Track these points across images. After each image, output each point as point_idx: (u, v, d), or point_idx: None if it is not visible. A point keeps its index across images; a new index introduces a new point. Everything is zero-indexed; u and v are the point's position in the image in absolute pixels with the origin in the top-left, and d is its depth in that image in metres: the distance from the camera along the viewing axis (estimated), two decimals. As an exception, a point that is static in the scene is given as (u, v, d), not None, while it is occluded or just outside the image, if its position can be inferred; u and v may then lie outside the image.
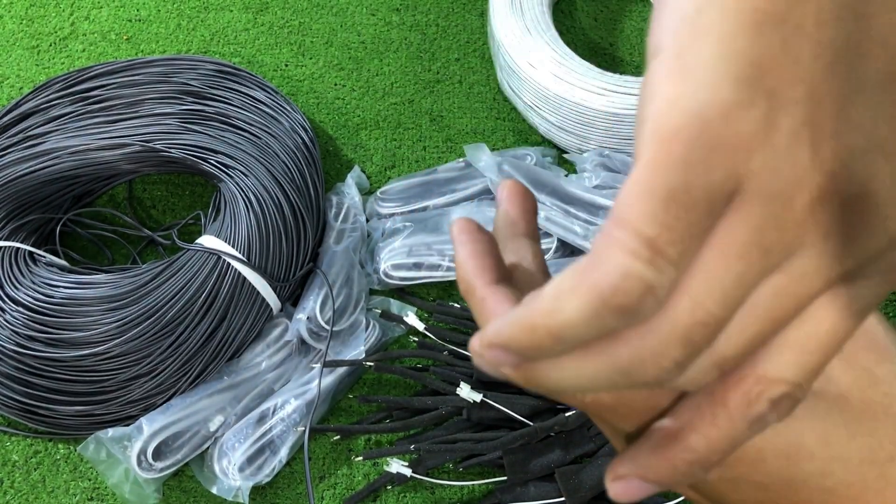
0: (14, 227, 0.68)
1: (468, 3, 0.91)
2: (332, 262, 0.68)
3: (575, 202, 0.69)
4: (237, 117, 0.70)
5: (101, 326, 0.61)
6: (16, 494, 0.63)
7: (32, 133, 0.70)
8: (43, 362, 0.61)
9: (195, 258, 0.63)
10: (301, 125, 0.73)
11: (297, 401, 0.63)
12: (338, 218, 0.72)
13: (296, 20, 0.89)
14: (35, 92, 0.73)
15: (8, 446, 0.65)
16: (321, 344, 0.65)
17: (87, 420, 0.63)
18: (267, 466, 0.62)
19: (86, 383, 0.62)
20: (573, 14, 0.91)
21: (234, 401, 0.63)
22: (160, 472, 0.60)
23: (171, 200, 0.77)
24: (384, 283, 0.70)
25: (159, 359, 0.62)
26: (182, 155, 0.67)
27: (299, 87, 0.84)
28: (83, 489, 0.63)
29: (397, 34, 0.88)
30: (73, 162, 0.68)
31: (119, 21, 0.89)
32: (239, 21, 0.89)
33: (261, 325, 0.66)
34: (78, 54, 0.86)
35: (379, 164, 0.79)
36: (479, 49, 0.87)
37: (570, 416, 0.59)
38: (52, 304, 0.62)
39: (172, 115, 0.70)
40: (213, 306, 0.62)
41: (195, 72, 0.73)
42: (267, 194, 0.66)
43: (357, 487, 0.63)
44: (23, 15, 0.89)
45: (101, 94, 0.71)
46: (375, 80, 0.85)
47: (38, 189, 0.69)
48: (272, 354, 0.65)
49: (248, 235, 0.64)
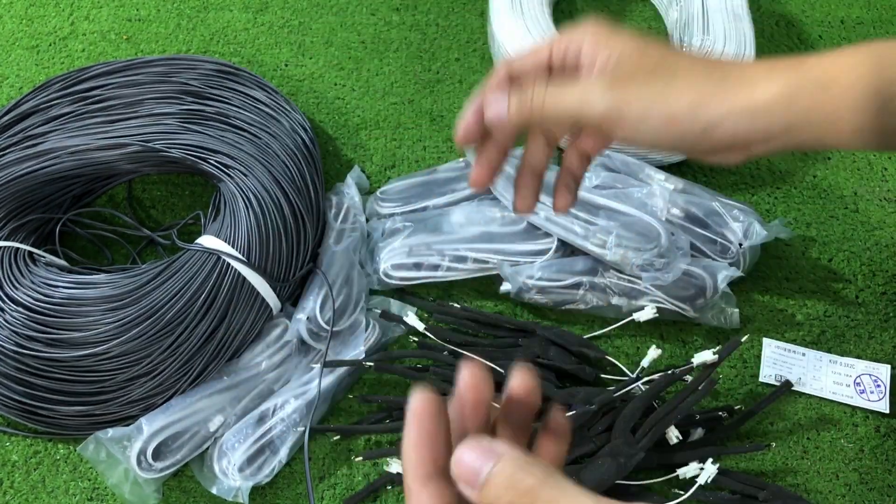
0: (14, 227, 0.68)
1: (468, 3, 0.91)
2: (332, 262, 0.68)
3: (575, 202, 0.69)
4: (237, 117, 0.70)
5: (101, 326, 0.61)
6: (16, 494, 0.63)
7: (32, 133, 0.70)
8: (43, 362, 0.61)
9: (195, 258, 0.63)
10: (301, 125, 0.73)
11: (297, 401, 0.63)
12: (338, 218, 0.72)
13: (296, 20, 0.89)
14: (35, 92, 0.72)
15: (8, 446, 0.65)
16: (321, 344, 0.65)
17: (87, 420, 0.63)
18: (267, 466, 0.62)
19: (86, 383, 0.62)
20: (573, 14, 0.91)
21: (234, 401, 0.63)
22: (160, 472, 0.60)
23: (170, 200, 0.77)
24: (384, 283, 0.70)
25: (159, 359, 0.62)
26: (182, 155, 0.67)
27: (299, 87, 0.84)
28: (83, 489, 0.63)
29: (397, 34, 0.88)
30: (72, 162, 0.68)
31: (119, 21, 0.89)
32: (239, 21, 0.89)
33: (261, 325, 0.66)
34: (78, 54, 0.86)
35: (379, 164, 0.79)
36: (479, 49, 0.87)
37: (570, 416, 0.59)
38: (52, 304, 0.62)
39: (172, 115, 0.70)
40: (212, 306, 0.62)
41: (195, 72, 0.73)
42: (267, 194, 0.66)
43: (357, 487, 0.63)
44: (22, 15, 0.89)
45: (100, 94, 0.71)
46: (375, 80, 0.85)
47: (38, 189, 0.69)
48: (272, 354, 0.65)
49: (248, 235, 0.64)
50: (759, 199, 0.78)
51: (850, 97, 0.38)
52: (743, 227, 0.70)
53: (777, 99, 0.39)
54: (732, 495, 0.61)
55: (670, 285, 0.66)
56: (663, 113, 0.39)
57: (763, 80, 0.39)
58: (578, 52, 0.42)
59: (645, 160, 0.75)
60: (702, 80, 0.39)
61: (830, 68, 0.39)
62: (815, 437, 0.65)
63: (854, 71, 0.39)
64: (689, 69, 0.40)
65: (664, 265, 0.66)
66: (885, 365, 0.67)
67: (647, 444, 0.59)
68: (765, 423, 0.66)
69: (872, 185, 0.79)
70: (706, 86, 0.39)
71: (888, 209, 0.77)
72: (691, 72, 0.40)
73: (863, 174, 0.80)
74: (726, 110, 0.39)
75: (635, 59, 0.40)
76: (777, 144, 0.40)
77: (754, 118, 0.39)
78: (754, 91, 0.39)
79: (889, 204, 0.77)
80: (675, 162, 0.77)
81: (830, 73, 0.39)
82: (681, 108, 0.39)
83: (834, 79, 0.39)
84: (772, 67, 0.40)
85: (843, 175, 0.79)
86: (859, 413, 0.66)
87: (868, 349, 0.69)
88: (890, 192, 0.78)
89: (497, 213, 0.71)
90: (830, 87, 0.39)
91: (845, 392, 0.66)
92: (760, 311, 0.71)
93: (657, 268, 0.66)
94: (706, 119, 0.39)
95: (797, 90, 0.39)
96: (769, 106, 0.39)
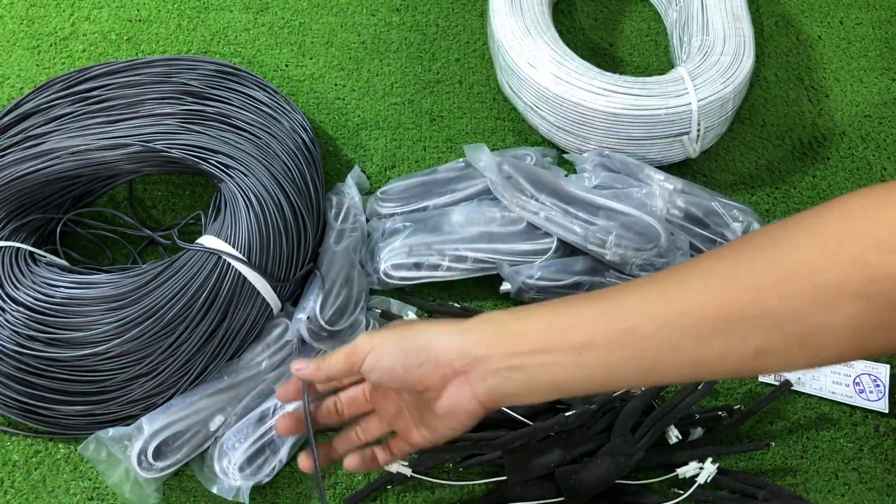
0: (14, 227, 0.68)
1: (468, 3, 0.91)
2: (332, 262, 0.68)
3: (575, 202, 0.69)
4: (237, 117, 0.70)
5: (102, 326, 0.61)
6: (16, 494, 0.63)
7: (33, 133, 0.70)
8: (43, 362, 0.61)
9: (195, 258, 0.63)
10: (301, 125, 0.73)
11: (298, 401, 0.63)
12: (338, 218, 0.72)
13: (296, 20, 0.89)
14: (35, 92, 0.73)
15: (8, 446, 0.65)
16: (321, 344, 0.65)
17: (88, 420, 0.63)
18: (267, 466, 0.62)
19: (86, 383, 0.62)
20: (573, 14, 0.91)
21: (235, 401, 0.63)
22: (160, 471, 0.61)
23: (171, 200, 0.77)
24: (384, 283, 0.70)
25: (159, 359, 0.62)
26: (182, 155, 0.67)
27: (299, 88, 0.84)
28: (83, 489, 0.63)
29: (397, 34, 0.88)
30: (73, 162, 0.68)
31: (119, 21, 0.89)
32: (239, 21, 0.89)
33: (261, 325, 0.66)
34: (78, 54, 0.86)
35: (379, 164, 0.79)
36: (479, 49, 0.87)
37: (570, 415, 0.59)
38: (53, 304, 0.62)
39: (172, 116, 0.70)
40: (213, 306, 0.62)
41: (195, 72, 0.73)
42: (267, 194, 0.66)
43: (357, 487, 0.63)
44: (23, 15, 0.89)
45: (101, 95, 0.71)
46: (375, 81, 0.85)
47: (39, 189, 0.69)
48: (272, 354, 0.65)
49: (249, 235, 0.64)
50: (758, 199, 0.78)
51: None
52: (742, 227, 0.70)
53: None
54: (732, 495, 0.61)
55: (670, 285, 0.66)
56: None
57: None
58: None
59: (644, 160, 0.75)
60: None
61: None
62: (815, 436, 0.66)
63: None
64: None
65: (664, 265, 0.66)
66: (884, 365, 0.67)
67: (647, 444, 0.60)
68: (764, 422, 0.66)
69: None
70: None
71: (888, 209, 0.77)
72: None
73: (862, 174, 0.80)
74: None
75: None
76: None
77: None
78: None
79: (888, 204, 0.77)
80: (675, 162, 0.77)
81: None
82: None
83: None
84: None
85: (843, 175, 0.80)
86: (858, 413, 0.66)
87: (867, 349, 0.69)
88: (889, 192, 0.78)
89: (497, 213, 0.71)
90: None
91: (845, 392, 0.66)
92: (760, 311, 0.71)
93: (657, 268, 0.66)
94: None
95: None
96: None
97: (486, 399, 0.43)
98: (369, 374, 0.46)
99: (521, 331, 0.42)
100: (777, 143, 0.82)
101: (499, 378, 0.42)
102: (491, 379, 0.42)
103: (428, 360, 0.43)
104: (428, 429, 0.47)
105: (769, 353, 0.36)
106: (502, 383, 0.42)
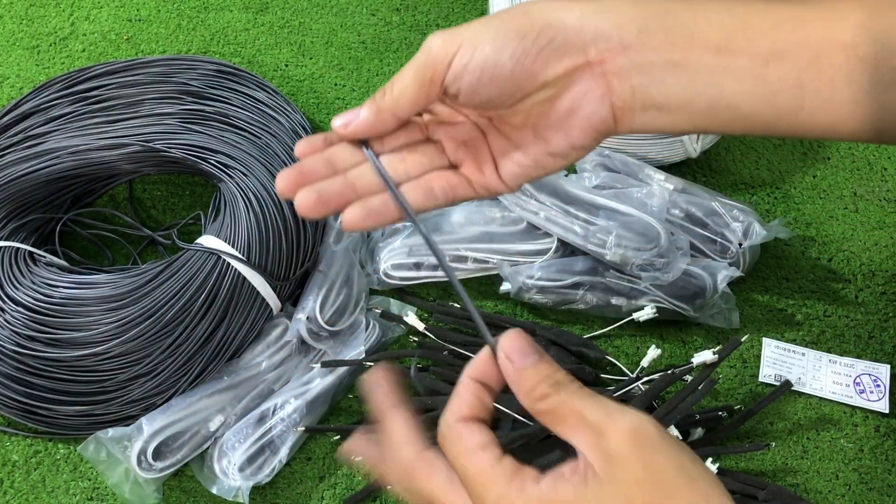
0: (14, 227, 0.68)
1: (468, 4, 0.91)
2: (331, 262, 0.68)
3: (575, 202, 0.69)
4: (237, 117, 0.70)
5: (101, 326, 0.61)
6: (16, 494, 0.63)
7: (32, 133, 0.70)
8: (43, 362, 0.61)
9: (195, 258, 0.63)
10: (301, 125, 0.73)
11: (297, 401, 0.63)
12: (337, 217, 0.72)
13: (296, 20, 0.89)
14: (35, 92, 0.73)
15: (8, 446, 0.65)
16: (321, 344, 0.65)
17: (87, 420, 0.63)
18: (267, 466, 0.62)
19: (86, 383, 0.62)
20: (573, 14, 0.91)
21: (234, 401, 0.63)
22: (160, 472, 0.60)
23: (171, 200, 0.77)
24: (384, 283, 0.70)
25: (159, 359, 0.62)
26: (182, 155, 0.67)
27: (299, 87, 0.84)
28: (83, 489, 0.63)
29: (397, 34, 0.88)
30: (73, 162, 0.68)
31: (119, 21, 0.89)
32: (239, 21, 0.89)
33: (261, 325, 0.66)
34: (78, 54, 0.86)
35: (379, 164, 0.79)
36: (479, 49, 0.87)
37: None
38: (52, 304, 0.62)
39: (172, 115, 0.70)
40: (212, 306, 0.62)
41: (195, 72, 0.73)
42: (267, 194, 0.66)
43: (357, 487, 0.63)
44: (23, 15, 0.89)
45: (101, 94, 0.71)
46: (375, 80, 0.85)
47: (38, 189, 0.69)
48: (272, 354, 0.65)
49: (248, 235, 0.64)
50: (758, 199, 0.78)
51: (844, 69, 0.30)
52: (742, 227, 0.70)
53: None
54: (732, 495, 0.61)
55: (670, 285, 0.66)
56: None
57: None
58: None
59: (644, 160, 0.75)
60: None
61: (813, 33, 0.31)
62: (815, 436, 0.66)
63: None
64: None
65: (664, 265, 0.66)
66: (884, 365, 0.67)
67: (647, 444, 0.59)
68: (764, 422, 0.66)
69: (872, 185, 0.79)
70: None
71: (888, 209, 0.77)
72: None
73: (862, 174, 0.80)
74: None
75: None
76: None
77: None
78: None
79: (889, 204, 0.77)
80: (675, 162, 0.77)
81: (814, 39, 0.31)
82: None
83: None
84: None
85: (843, 175, 0.79)
86: (859, 413, 0.66)
87: (868, 349, 0.69)
88: (890, 192, 0.78)
89: (497, 213, 0.71)
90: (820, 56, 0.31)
91: (845, 392, 0.66)
92: (760, 311, 0.71)
93: (657, 268, 0.66)
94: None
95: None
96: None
97: (622, 103, 0.32)
98: (458, 83, 0.35)
99: (691, 18, 0.31)
100: (777, 143, 0.82)
101: (649, 77, 0.31)
102: (637, 77, 0.31)
103: (552, 44, 0.31)
104: (523, 151, 0.34)
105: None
106: (651, 84, 0.31)
